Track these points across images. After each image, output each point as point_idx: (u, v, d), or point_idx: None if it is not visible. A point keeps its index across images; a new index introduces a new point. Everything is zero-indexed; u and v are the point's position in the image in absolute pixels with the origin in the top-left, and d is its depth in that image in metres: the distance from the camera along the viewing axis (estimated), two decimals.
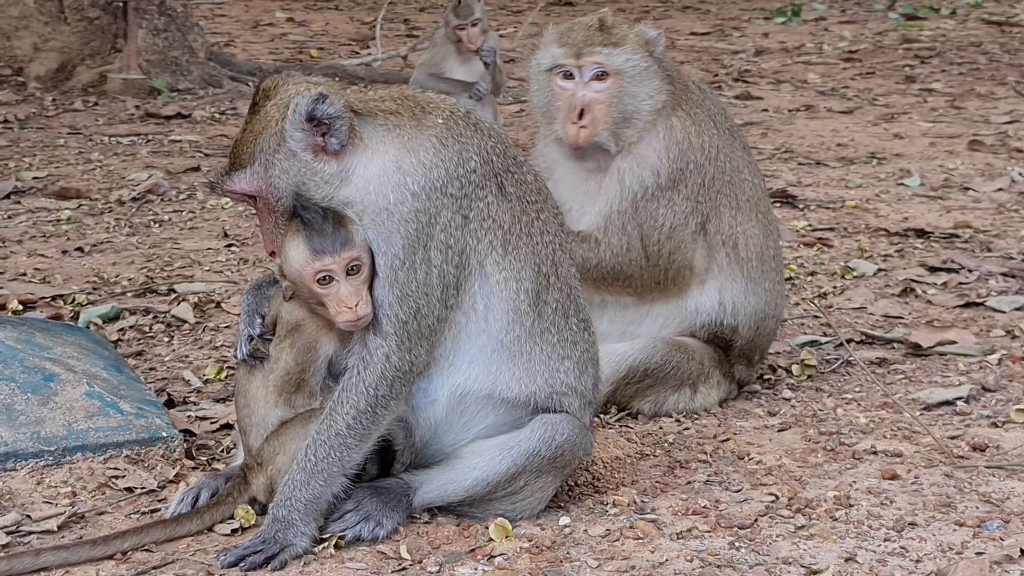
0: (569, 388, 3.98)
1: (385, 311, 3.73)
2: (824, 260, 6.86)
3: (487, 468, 3.91)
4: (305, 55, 13.84)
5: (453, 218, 3.78)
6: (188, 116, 10.51)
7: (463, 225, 3.79)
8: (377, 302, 3.74)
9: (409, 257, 3.73)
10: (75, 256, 6.90)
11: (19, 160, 8.96)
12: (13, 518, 3.91)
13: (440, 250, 3.76)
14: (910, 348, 5.54)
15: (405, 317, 3.73)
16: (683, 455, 4.50)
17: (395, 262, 3.73)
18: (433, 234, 3.75)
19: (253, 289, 4.04)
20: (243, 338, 3.95)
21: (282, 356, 3.89)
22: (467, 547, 3.79)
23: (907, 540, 3.84)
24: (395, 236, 3.73)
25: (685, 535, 3.86)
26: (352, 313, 3.69)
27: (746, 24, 16.16)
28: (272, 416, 3.91)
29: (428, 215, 3.75)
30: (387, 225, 3.74)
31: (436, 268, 3.76)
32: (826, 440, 4.60)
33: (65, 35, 11.37)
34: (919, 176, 8.59)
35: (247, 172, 3.78)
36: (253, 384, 3.94)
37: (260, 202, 3.81)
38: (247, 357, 3.94)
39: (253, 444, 3.93)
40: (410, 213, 3.74)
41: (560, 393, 3.96)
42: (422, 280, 3.75)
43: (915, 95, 11.62)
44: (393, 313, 3.73)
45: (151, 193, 8.10)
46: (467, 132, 3.86)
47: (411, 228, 3.74)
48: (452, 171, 3.79)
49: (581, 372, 4.01)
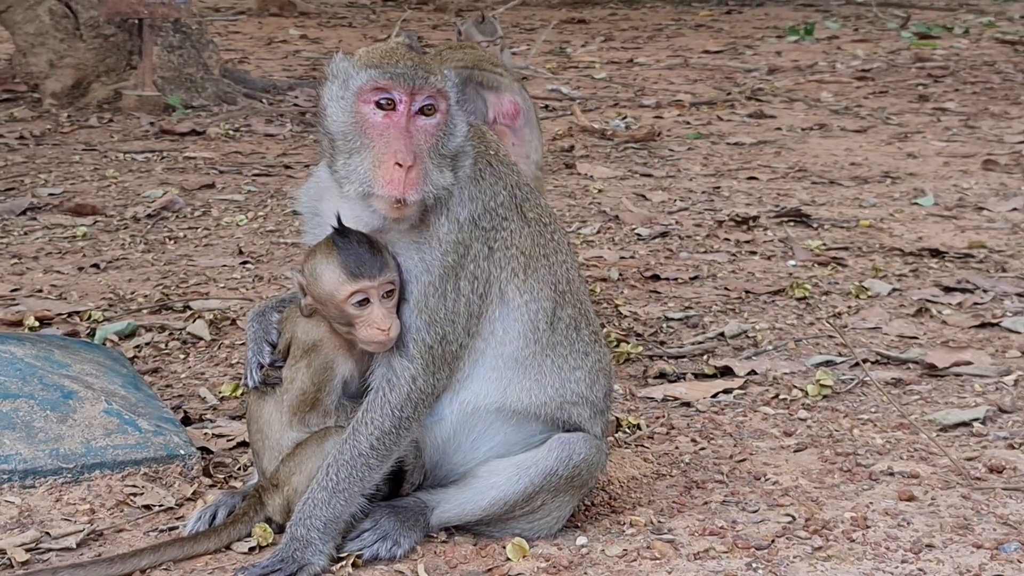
0: (580, 397, 3.99)
1: (413, 335, 3.76)
2: (838, 279, 6.86)
3: (504, 487, 3.91)
4: (319, 72, 13.87)
5: (481, 250, 3.83)
6: (202, 133, 10.54)
7: (488, 256, 3.85)
8: (405, 326, 3.76)
9: (442, 285, 3.77)
10: (91, 272, 6.92)
11: (35, 176, 8.99)
12: (32, 535, 3.92)
13: (469, 280, 3.80)
14: (926, 369, 5.53)
15: (432, 342, 3.76)
16: (699, 475, 4.50)
17: (429, 289, 3.76)
18: (465, 264, 3.80)
19: (258, 316, 4.03)
20: (253, 366, 3.95)
21: (298, 376, 3.90)
22: (484, 567, 3.80)
23: (924, 562, 3.83)
24: (435, 264, 3.77)
25: (702, 556, 3.86)
26: (384, 335, 3.71)
27: (759, 42, 16.17)
28: (287, 438, 3.92)
29: (464, 246, 3.80)
30: (430, 253, 3.77)
31: (464, 297, 3.80)
32: (842, 461, 4.60)
33: (80, 52, 11.42)
34: (933, 195, 8.59)
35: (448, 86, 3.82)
36: (265, 408, 3.95)
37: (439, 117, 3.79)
38: (259, 384, 3.95)
39: (267, 467, 3.94)
40: (451, 244, 3.78)
41: (571, 403, 3.98)
42: (451, 308, 3.78)
43: (928, 114, 11.62)
44: (420, 338, 3.76)
45: (166, 210, 8.13)
46: (499, 165, 3.93)
47: (449, 258, 3.78)
48: (487, 204, 3.87)
49: (592, 382, 4.03)
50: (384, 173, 3.67)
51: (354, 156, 3.74)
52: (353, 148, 3.74)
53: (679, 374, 5.54)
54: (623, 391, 5.32)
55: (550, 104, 11.85)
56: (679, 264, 7.17)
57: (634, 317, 6.28)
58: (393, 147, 3.69)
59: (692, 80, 13.46)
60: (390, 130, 3.71)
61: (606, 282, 6.83)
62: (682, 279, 6.88)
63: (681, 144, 10.43)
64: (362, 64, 3.77)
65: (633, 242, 7.63)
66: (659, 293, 6.66)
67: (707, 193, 8.76)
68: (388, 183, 3.67)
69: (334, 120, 3.78)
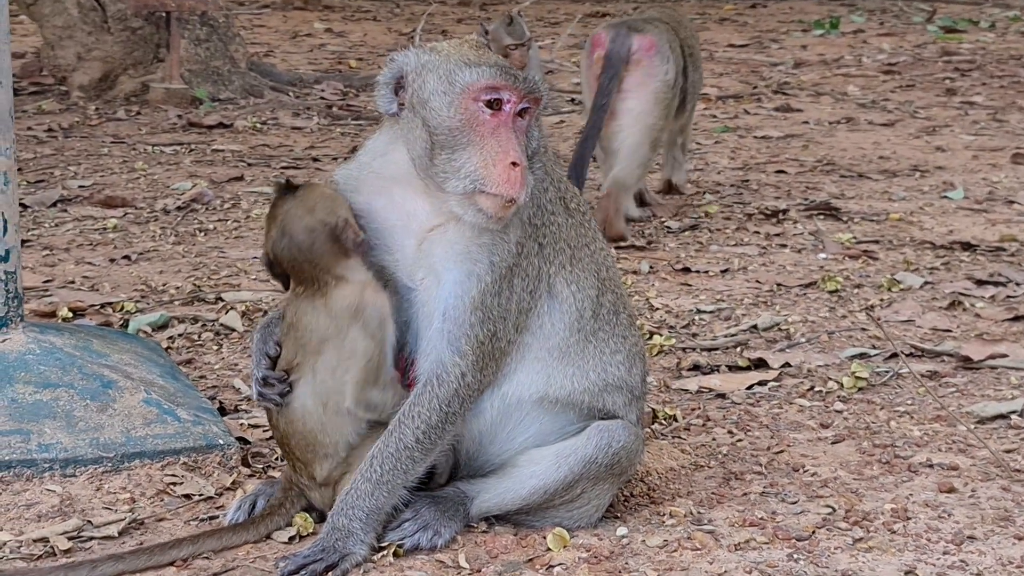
0: (621, 381, 4.00)
1: (466, 331, 3.75)
2: (870, 272, 6.84)
3: (544, 476, 3.91)
4: (344, 65, 13.89)
5: (532, 247, 3.85)
6: (230, 126, 10.56)
7: (539, 252, 3.87)
8: (458, 321, 3.76)
9: (498, 282, 3.77)
10: (122, 264, 6.94)
11: (64, 169, 9.02)
12: (75, 523, 3.94)
13: (521, 277, 3.82)
14: (961, 361, 5.52)
15: (483, 339, 3.77)
16: (737, 466, 4.49)
17: (484, 286, 3.76)
18: (519, 262, 3.81)
19: (262, 328, 4.01)
20: (254, 381, 3.91)
21: (359, 342, 3.80)
22: (525, 556, 3.80)
23: (966, 554, 3.82)
24: (500, 263, 3.78)
25: (743, 547, 3.86)
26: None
27: (784, 36, 16.13)
28: (345, 433, 3.84)
29: (520, 244, 3.81)
30: (497, 252, 3.78)
31: (516, 295, 3.81)
32: (881, 453, 4.59)
33: (108, 45, 11.44)
34: (963, 189, 8.57)
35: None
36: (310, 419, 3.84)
37: (529, 119, 3.80)
38: (263, 399, 3.90)
39: (320, 473, 3.88)
40: (517, 243, 3.80)
41: (612, 387, 3.98)
42: (504, 305, 3.79)
43: (956, 108, 11.59)
44: (473, 334, 3.76)
45: (195, 202, 8.14)
46: (546, 161, 3.93)
47: (509, 257, 3.78)
48: (539, 201, 3.89)
49: (631, 365, 4.04)
50: (499, 173, 3.67)
51: (458, 152, 3.72)
52: (458, 144, 3.72)
53: (713, 366, 5.53)
54: (657, 383, 5.31)
55: (575, 98, 11.83)
56: (709, 257, 7.16)
57: (666, 309, 6.27)
58: (507, 147, 3.69)
59: (718, 74, 13.43)
60: (500, 130, 3.71)
61: (637, 275, 6.83)
62: (713, 272, 6.87)
63: (708, 137, 10.41)
64: (468, 62, 3.76)
65: (663, 235, 7.63)
66: (690, 286, 6.66)
67: (735, 186, 8.75)
68: (504, 182, 3.66)
69: (440, 116, 3.74)
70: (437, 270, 3.79)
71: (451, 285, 3.77)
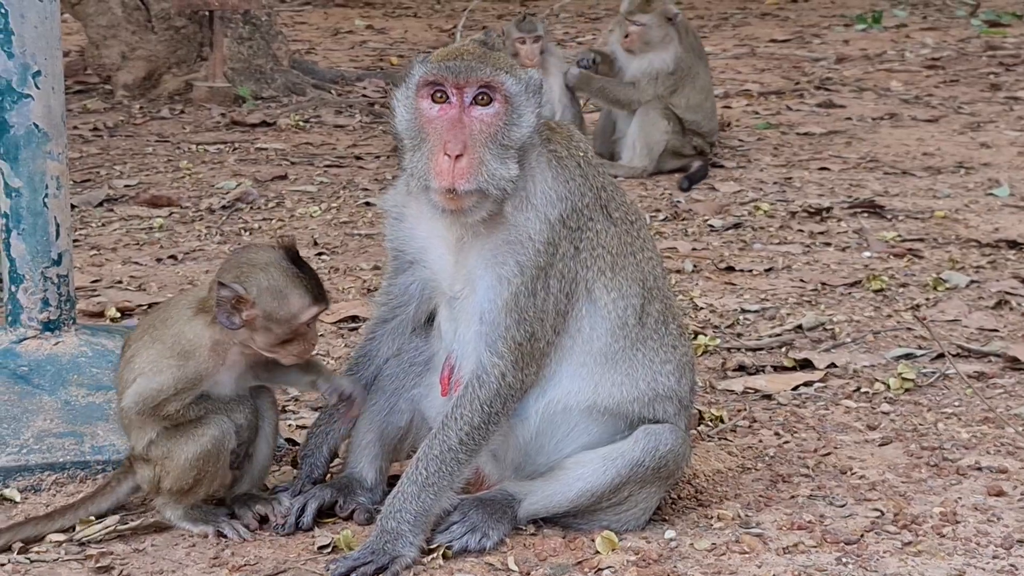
0: (671, 391, 4.02)
1: (502, 333, 3.79)
2: (915, 271, 6.81)
3: (591, 479, 3.93)
4: (385, 62, 13.92)
5: (568, 249, 3.86)
6: (273, 124, 10.60)
7: (575, 256, 3.88)
8: (494, 324, 3.78)
9: (533, 284, 3.79)
10: (168, 264, 7.00)
11: (110, 168, 9.08)
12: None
13: (557, 279, 3.84)
14: (1008, 362, 5.49)
15: (521, 339, 3.80)
16: (784, 469, 4.49)
17: (521, 289, 3.79)
18: (554, 263, 3.83)
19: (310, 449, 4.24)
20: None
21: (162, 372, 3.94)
22: (574, 559, 3.81)
23: (1016, 558, 3.81)
24: (528, 266, 3.79)
25: (791, 550, 3.86)
26: (313, 348, 3.99)
27: (826, 31, 16.05)
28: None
29: (554, 246, 3.82)
30: (523, 253, 3.79)
31: (552, 296, 3.83)
32: (929, 455, 4.58)
33: (152, 44, 11.51)
34: (1008, 186, 8.51)
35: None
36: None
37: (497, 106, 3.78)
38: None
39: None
40: (543, 244, 3.81)
41: (663, 397, 4.00)
42: (540, 307, 3.81)
43: (1001, 103, 11.50)
44: (511, 335, 3.79)
45: (240, 201, 8.18)
46: (586, 167, 3.96)
47: (541, 259, 3.80)
48: (575, 204, 3.90)
49: (681, 375, 4.06)
50: (435, 165, 3.72)
51: (415, 152, 3.80)
52: (415, 144, 3.81)
53: (758, 366, 5.53)
54: (703, 383, 5.31)
55: None
56: (753, 256, 7.14)
57: (710, 309, 6.27)
58: (444, 138, 3.72)
59: (760, 69, 13.38)
60: (443, 122, 3.75)
61: (680, 274, 6.82)
62: (757, 271, 6.85)
63: (751, 134, 10.37)
64: (420, 62, 3.83)
65: (706, 233, 7.62)
66: (734, 285, 6.65)
67: (778, 184, 8.72)
68: (438, 174, 3.70)
69: (400, 119, 3.85)
70: (472, 279, 3.86)
71: (484, 290, 3.82)
